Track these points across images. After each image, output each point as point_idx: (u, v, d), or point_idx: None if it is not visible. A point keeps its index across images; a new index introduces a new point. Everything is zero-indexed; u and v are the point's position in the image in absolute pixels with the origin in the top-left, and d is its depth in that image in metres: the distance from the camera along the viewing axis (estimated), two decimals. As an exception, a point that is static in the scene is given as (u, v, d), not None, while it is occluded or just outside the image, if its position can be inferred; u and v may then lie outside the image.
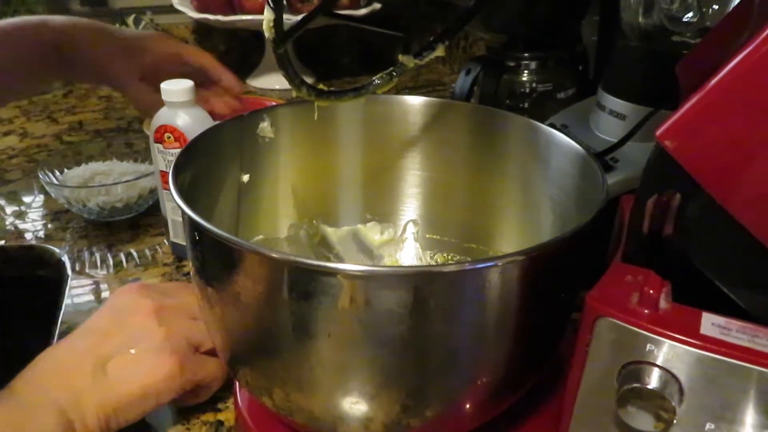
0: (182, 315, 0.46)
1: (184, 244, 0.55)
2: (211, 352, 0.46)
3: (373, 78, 0.46)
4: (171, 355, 0.43)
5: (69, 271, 0.65)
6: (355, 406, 0.35)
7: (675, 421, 0.29)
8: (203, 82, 0.73)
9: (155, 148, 0.61)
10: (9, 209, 0.77)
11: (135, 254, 0.67)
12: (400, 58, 0.46)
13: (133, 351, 0.43)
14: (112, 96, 1.18)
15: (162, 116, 0.60)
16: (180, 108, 0.59)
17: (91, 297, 0.62)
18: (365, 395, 0.34)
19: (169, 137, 0.59)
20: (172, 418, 0.47)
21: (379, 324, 0.32)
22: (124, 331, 0.44)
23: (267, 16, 0.37)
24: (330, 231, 0.55)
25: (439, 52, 0.46)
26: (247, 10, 1.09)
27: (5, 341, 0.72)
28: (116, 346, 0.43)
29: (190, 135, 0.57)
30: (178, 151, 0.50)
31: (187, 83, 0.60)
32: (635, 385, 0.29)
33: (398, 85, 0.48)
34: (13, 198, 0.80)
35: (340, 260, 0.54)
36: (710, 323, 0.29)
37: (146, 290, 0.48)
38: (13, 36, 0.69)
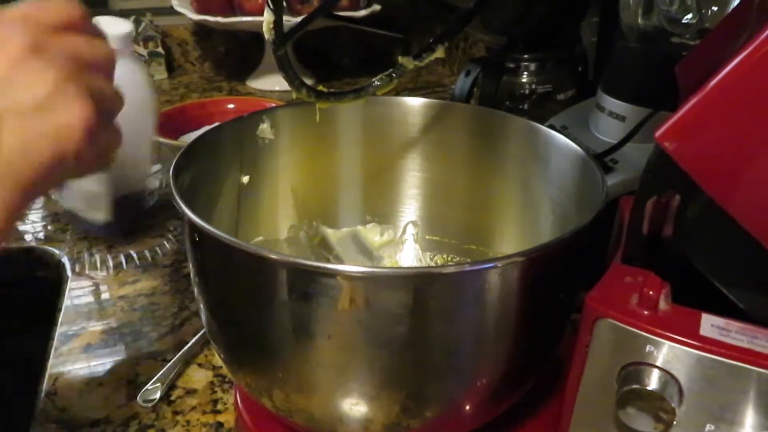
0: (68, 54, 0.33)
1: (97, 218, 0.52)
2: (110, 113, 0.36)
3: (373, 79, 0.46)
4: (77, 97, 0.32)
5: (69, 273, 0.65)
6: (354, 407, 0.35)
7: (675, 423, 0.29)
8: None
9: None
10: (9, 211, 0.77)
11: (135, 256, 0.67)
12: (400, 59, 0.46)
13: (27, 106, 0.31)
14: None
15: None
16: None
17: (91, 298, 0.62)
18: (365, 396, 0.34)
19: None
20: (171, 419, 0.47)
21: (379, 325, 0.32)
22: (10, 85, 0.31)
23: (267, 17, 0.37)
24: (330, 232, 0.55)
25: (439, 53, 0.46)
26: (247, 11, 1.10)
27: (5, 342, 0.72)
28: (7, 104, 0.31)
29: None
30: None
31: (125, 28, 0.49)
32: (635, 386, 0.29)
33: (398, 86, 0.48)
34: (13, 199, 0.80)
35: (340, 261, 0.54)
36: (710, 324, 0.29)
37: (7, 23, 0.33)
38: None
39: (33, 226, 0.73)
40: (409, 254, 0.55)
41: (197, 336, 0.54)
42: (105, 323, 0.58)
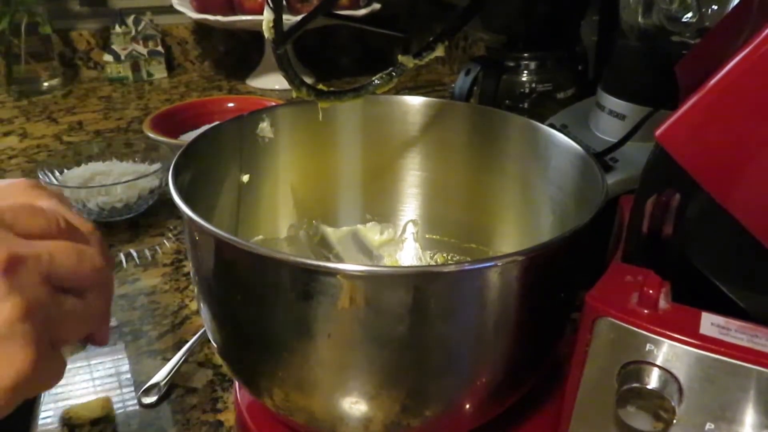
0: (44, 274, 0.28)
1: None
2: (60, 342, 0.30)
3: (373, 78, 0.46)
4: (24, 347, 0.27)
5: (69, 272, 0.65)
6: (354, 406, 0.35)
7: (674, 421, 0.29)
8: None
9: None
10: (9, 209, 0.77)
11: (135, 254, 0.67)
12: (400, 58, 0.46)
13: None
14: (112, 96, 1.18)
15: None
16: None
17: (91, 297, 0.62)
18: (365, 395, 0.34)
19: None
20: (171, 418, 0.47)
21: (379, 324, 0.32)
22: None
23: (267, 16, 0.37)
24: (330, 231, 0.55)
25: (439, 52, 0.46)
26: (247, 10, 1.09)
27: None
28: None
29: None
30: None
31: None
32: (635, 385, 0.29)
33: (398, 85, 0.47)
34: (13, 198, 0.80)
35: (340, 260, 0.54)
36: (709, 323, 0.29)
37: None
38: None
39: (33, 225, 0.73)
40: (409, 253, 0.55)
41: (197, 335, 0.54)
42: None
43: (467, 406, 0.36)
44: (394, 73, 0.46)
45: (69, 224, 0.32)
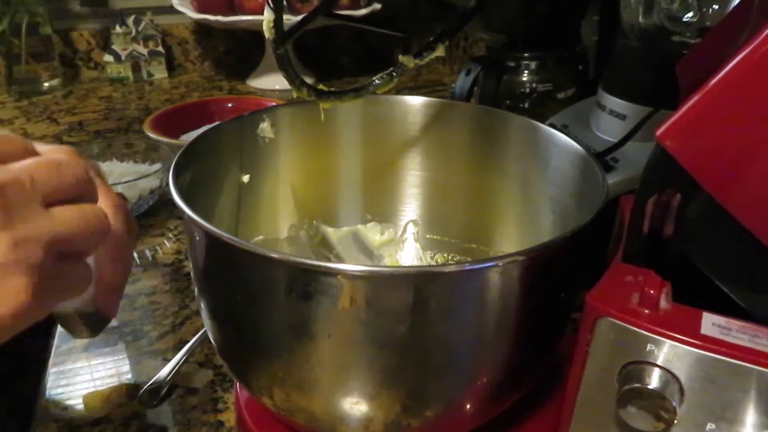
0: (34, 197, 0.28)
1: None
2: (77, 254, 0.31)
3: (374, 78, 0.46)
4: (20, 276, 0.27)
5: (69, 272, 0.65)
6: (355, 406, 0.35)
7: (675, 422, 0.29)
8: None
9: None
10: (9, 210, 0.77)
11: (135, 255, 0.67)
12: (400, 58, 0.46)
13: None
14: (113, 97, 1.18)
15: None
16: None
17: (92, 297, 0.62)
18: (365, 395, 0.34)
19: None
20: (172, 418, 0.47)
21: (380, 324, 0.32)
22: None
23: (267, 16, 0.37)
24: (330, 231, 0.55)
25: (439, 52, 0.46)
26: (247, 10, 1.10)
27: (5, 344, 0.72)
28: None
29: None
30: None
31: None
32: (636, 385, 0.29)
33: (398, 85, 0.47)
34: (14, 198, 0.80)
35: (341, 261, 0.54)
36: (710, 323, 0.29)
37: None
38: None
39: (33, 226, 0.73)
40: (409, 253, 0.55)
41: (198, 335, 0.54)
42: None
43: (468, 406, 0.36)
44: (394, 73, 0.46)
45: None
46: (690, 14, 0.48)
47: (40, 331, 0.59)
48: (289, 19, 0.39)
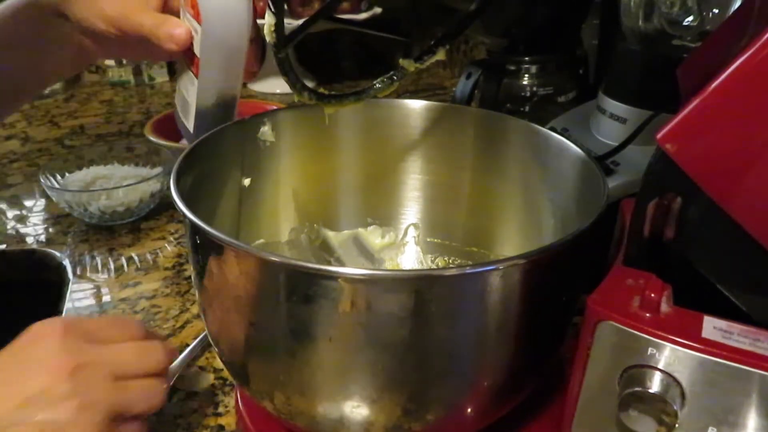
0: (106, 376, 0.37)
1: (188, 127, 0.53)
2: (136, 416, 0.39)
3: (374, 82, 0.46)
4: (94, 426, 0.35)
5: (70, 275, 0.65)
6: (356, 409, 0.35)
7: (677, 425, 0.29)
8: None
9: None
10: (10, 213, 0.77)
11: (136, 258, 0.67)
12: (401, 61, 0.46)
13: (48, 414, 0.34)
14: (114, 100, 1.18)
15: None
16: None
17: (92, 301, 0.62)
18: (366, 399, 0.34)
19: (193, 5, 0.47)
20: (173, 422, 0.47)
21: (380, 328, 0.32)
22: (22, 393, 0.35)
23: (268, 20, 0.37)
24: (331, 235, 0.55)
25: (440, 55, 0.46)
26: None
27: (5, 345, 0.72)
28: (9, 411, 0.34)
29: (206, 10, 0.46)
30: (192, 20, 0.47)
31: None
32: (637, 388, 0.29)
33: (399, 89, 0.48)
34: (15, 202, 0.80)
35: (341, 264, 0.54)
36: (712, 327, 0.29)
37: (67, 335, 0.38)
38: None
39: (34, 229, 0.73)
40: (410, 257, 0.55)
41: (198, 338, 0.54)
42: (85, 316, 0.57)
43: (469, 409, 0.36)
44: (395, 77, 0.46)
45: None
46: (690, 18, 0.48)
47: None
48: (290, 23, 0.39)
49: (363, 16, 1.16)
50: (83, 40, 0.55)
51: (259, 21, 0.43)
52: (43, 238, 0.72)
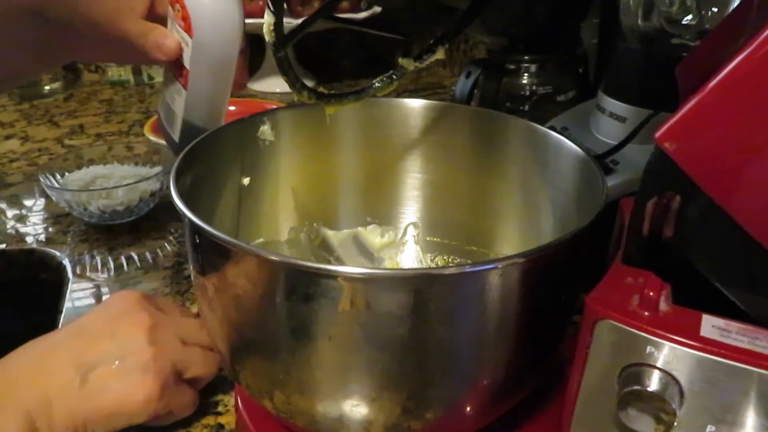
0: (175, 336, 0.45)
1: (173, 137, 0.52)
2: (192, 381, 0.46)
3: (374, 81, 0.46)
4: (155, 378, 0.42)
5: (70, 275, 0.65)
6: (355, 408, 0.35)
7: (675, 424, 0.29)
8: None
9: (168, 12, 0.50)
10: (10, 213, 0.77)
11: (136, 257, 0.67)
12: (401, 61, 0.46)
13: (117, 363, 0.42)
14: (113, 100, 1.18)
15: None
16: None
17: (92, 300, 0.62)
18: (366, 398, 0.34)
19: (178, 10, 0.47)
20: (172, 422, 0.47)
21: (380, 326, 0.32)
22: (113, 340, 0.43)
23: (267, 19, 0.37)
24: (330, 234, 0.55)
25: (439, 54, 0.46)
26: (248, 13, 1.09)
27: (6, 345, 0.72)
28: (102, 354, 0.42)
29: (197, 21, 0.46)
30: (182, 32, 0.47)
31: None
32: (635, 387, 0.29)
33: (398, 88, 0.48)
34: (14, 201, 0.80)
35: (341, 263, 0.54)
36: (710, 325, 0.29)
37: (145, 301, 0.46)
38: None
39: (34, 228, 0.73)
40: (409, 256, 0.55)
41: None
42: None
43: (468, 408, 0.36)
44: (394, 76, 0.46)
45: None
46: (689, 17, 0.48)
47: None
48: (290, 22, 0.39)
49: (362, 15, 1.16)
50: (64, 40, 0.55)
51: (258, 20, 0.43)
52: (42, 237, 0.72)
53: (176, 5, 0.47)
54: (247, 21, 1.12)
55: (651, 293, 0.30)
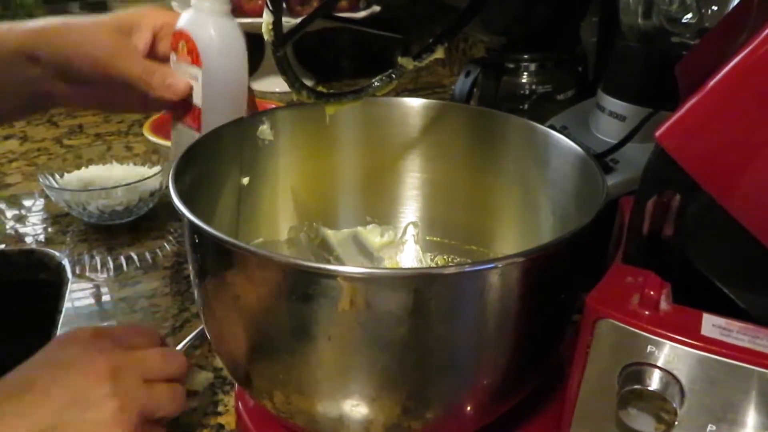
0: (139, 376, 0.40)
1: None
2: (160, 420, 0.41)
3: (373, 80, 0.46)
4: (124, 428, 0.37)
5: (69, 275, 0.65)
6: (355, 408, 0.35)
7: (676, 423, 0.29)
8: None
9: (171, 57, 0.51)
10: (9, 213, 0.77)
11: (135, 257, 0.67)
12: (400, 60, 0.46)
13: (78, 421, 0.37)
14: (112, 99, 1.18)
15: (184, 18, 0.48)
16: (205, 14, 0.47)
17: (92, 300, 0.62)
18: (366, 398, 0.34)
19: (183, 47, 0.47)
20: (172, 422, 0.47)
21: (380, 326, 0.32)
22: (67, 393, 0.37)
23: (266, 18, 0.37)
24: (330, 233, 0.55)
25: (439, 54, 0.46)
26: (246, 12, 1.09)
27: (5, 345, 0.72)
28: (56, 412, 0.36)
29: (207, 52, 0.47)
30: (190, 67, 0.46)
31: None
32: (636, 386, 0.29)
33: (398, 87, 0.48)
34: (14, 202, 0.80)
35: (341, 263, 0.54)
36: (711, 324, 0.29)
37: (98, 340, 0.40)
38: None
39: (33, 229, 0.73)
40: (409, 255, 0.55)
41: (193, 333, 0.53)
42: (106, 325, 0.57)
43: (468, 408, 0.36)
44: (393, 75, 0.46)
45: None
46: (689, 15, 0.48)
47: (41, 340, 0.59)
48: (289, 22, 0.39)
49: (362, 14, 1.16)
50: (56, 84, 0.52)
51: (257, 19, 0.43)
52: (42, 237, 0.71)
53: (180, 42, 0.47)
54: (246, 20, 1.12)
55: (651, 292, 0.30)
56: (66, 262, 0.66)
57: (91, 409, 0.37)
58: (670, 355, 0.29)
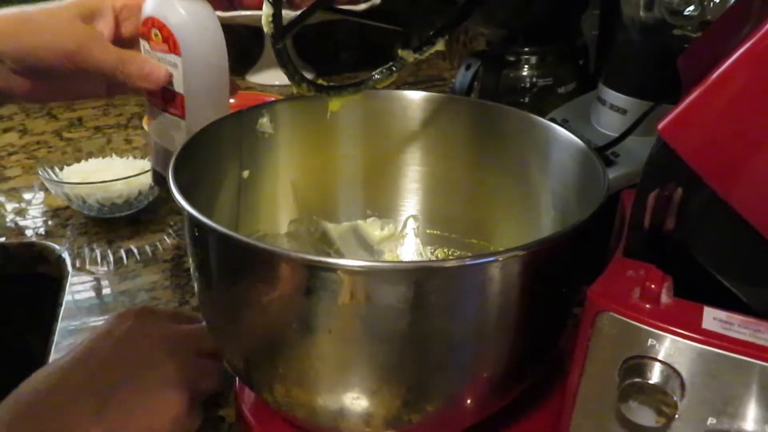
0: (189, 347, 0.43)
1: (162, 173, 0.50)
2: (200, 395, 0.43)
3: (373, 73, 0.46)
4: (181, 393, 0.40)
5: (69, 268, 0.65)
6: (355, 401, 0.35)
7: (677, 416, 0.29)
8: None
9: (142, 45, 0.48)
10: (9, 206, 0.77)
11: (135, 251, 0.67)
12: (400, 52, 0.46)
13: (136, 383, 0.39)
14: (112, 92, 1.18)
15: (150, 4, 0.46)
16: None
17: (92, 293, 0.62)
18: (366, 391, 0.34)
19: (157, 35, 0.45)
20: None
21: (380, 319, 0.32)
22: (127, 361, 0.40)
23: (266, 11, 0.37)
24: (330, 227, 0.55)
25: (439, 46, 0.46)
26: (246, 5, 1.09)
27: (6, 338, 0.72)
28: (118, 378, 0.39)
29: (183, 37, 0.45)
30: (167, 55, 0.45)
31: None
32: (637, 379, 0.29)
33: (398, 80, 0.47)
34: (13, 195, 0.80)
35: (341, 256, 0.54)
36: (712, 318, 0.29)
37: (150, 315, 0.44)
38: None
39: (33, 222, 0.73)
40: (409, 248, 0.55)
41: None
42: (106, 318, 0.57)
43: (468, 401, 0.36)
44: (394, 68, 0.46)
45: None
46: (691, 8, 0.48)
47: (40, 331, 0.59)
48: (288, 14, 0.39)
49: (362, 6, 1.15)
50: (15, 80, 0.48)
51: (257, 12, 0.43)
52: (42, 230, 0.71)
53: (153, 30, 0.45)
54: (246, 13, 1.12)
55: (652, 286, 0.30)
56: (66, 255, 0.66)
57: (148, 371, 0.40)
58: (671, 349, 0.29)
